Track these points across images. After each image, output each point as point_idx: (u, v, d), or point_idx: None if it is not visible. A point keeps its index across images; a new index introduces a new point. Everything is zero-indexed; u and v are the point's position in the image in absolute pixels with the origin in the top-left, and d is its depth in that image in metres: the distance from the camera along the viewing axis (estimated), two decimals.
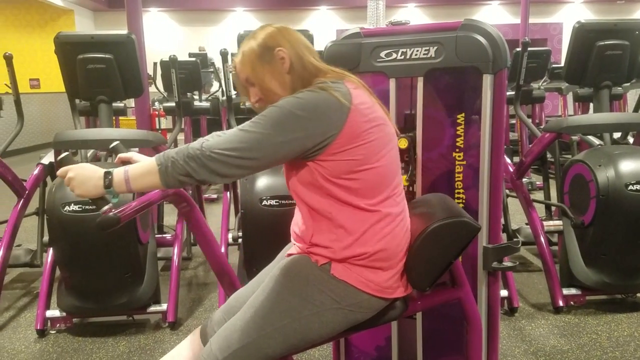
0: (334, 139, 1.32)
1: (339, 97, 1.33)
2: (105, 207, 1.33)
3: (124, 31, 3.15)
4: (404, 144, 1.86)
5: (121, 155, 1.51)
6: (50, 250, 3.00)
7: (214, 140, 1.29)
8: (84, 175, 1.32)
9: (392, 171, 1.43)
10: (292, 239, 1.57)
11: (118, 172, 1.32)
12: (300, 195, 1.42)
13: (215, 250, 1.78)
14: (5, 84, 3.67)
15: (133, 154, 1.51)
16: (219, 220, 3.46)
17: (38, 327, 2.86)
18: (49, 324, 2.92)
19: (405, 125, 1.92)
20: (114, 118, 4.49)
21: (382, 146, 1.39)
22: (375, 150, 1.37)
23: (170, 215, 4.35)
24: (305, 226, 1.44)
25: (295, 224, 1.54)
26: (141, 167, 1.32)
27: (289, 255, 1.50)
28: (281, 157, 1.32)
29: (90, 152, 3.48)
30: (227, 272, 1.81)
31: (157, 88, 6.57)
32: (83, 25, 13.43)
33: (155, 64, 6.81)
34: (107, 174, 1.31)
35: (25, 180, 3.38)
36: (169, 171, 1.28)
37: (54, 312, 2.90)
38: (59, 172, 1.36)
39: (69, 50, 3.05)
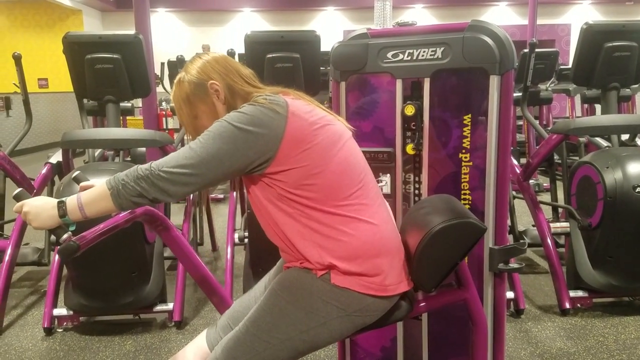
0: (278, 149, 1.33)
1: (274, 107, 1.35)
2: (65, 236, 1.36)
3: (131, 31, 3.17)
4: (410, 110, 1.84)
5: (83, 184, 1.54)
6: (57, 250, 3.01)
7: (162, 159, 1.32)
8: (38, 207, 1.34)
9: (352, 167, 1.42)
10: (282, 260, 1.56)
11: (71, 200, 1.34)
12: (270, 211, 1.41)
13: (198, 268, 1.77)
14: (14, 84, 3.69)
15: (94, 181, 1.54)
16: (226, 220, 3.47)
17: (45, 325, 2.88)
18: (56, 322, 2.94)
19: (412, 93, 1.90)
20: (121, 118, 4.52)
21: (331, 145, 1.39)
22: (325, 151, 1.37)
23: (177, 215, 4.36)
24: (286, 245, 1.43)
25: (281, 250, 1.52)
26: (93, 192, 1.34)
27: (287, 267, 1.49)
28: (227, 170, 1.33)
29: (97, 152, 3.50)
30: (214, 289, 1.79)
31: (164, 88, 6.60)
32: (91, 25, 13.49)
33: (162, 64, 6.85)
34: (61, 204, 1.33)
35: (34, 179, 3.40)
36: (120, 194, 1.30)
37: (61, 311, 2.92)
38: (15, 208, 1.38)
39: (77, 50, 3.07)
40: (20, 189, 1.41)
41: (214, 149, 1.30)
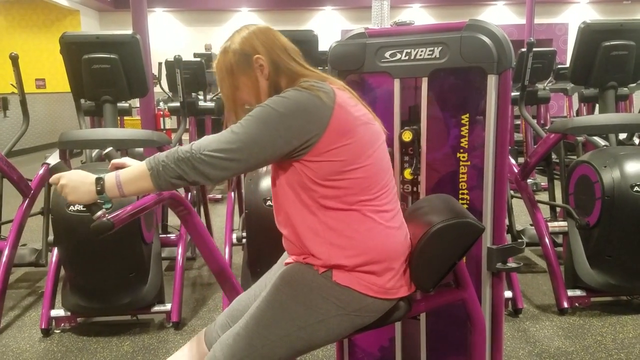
0: (320, 137, 1.32)
1: (322, 97, 1.33)
2: (99, 213, 1.35)
3: (128, 31, 3.17)
4: (408, 136, 1.85)
5: (114, 161, 1.52)
6: (55, 250, 3.01)
7: (203, 142, 1.30)
8: (76, 181, 1.33)
9: (381, 170, 1.42)
10: (283, 257, 1.56)
11: (110, 178, 1.33)
12: (288, 200, 1.41)
13: (215, 255, 1.78)
14: (12, 84, 3.68)
15: (126, 159, 1.52)
16: (224, 220, 3.47)
17: (43, 327, 2.87)
18: (53, 323, 2.93)
19: (410, 117, 1.91)
20: (118, 118, 4.51)
21: (369, 145, 1.38)
22: (363, 149, 1.37)
23: (175, 216, 4.35)
24: (295, 236, 1.43)
25: (285, 239, 1.51)
26: (132, 171, 1.33)
27: (288, 263, 1.49)
28: (268, 157, 1.32)
29: (95, 152, 3.49)
30: (228, 276, 1.80)
31: (162, 88, 6.58)
32: (89, 25, 13.47)
33: (160, 64, 6.83)
34: (99, 180, 1.32)
35: (31, 180, 3.39)
36: (160, 174, 1.29)
37: (58, 312, 2.91)
38: (51, 179, 1.37)
39: (74, 51, 3.07)
40: (59, 160, 1.39)
41: (256, 135, 1.29)
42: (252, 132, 1.29)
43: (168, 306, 2.96)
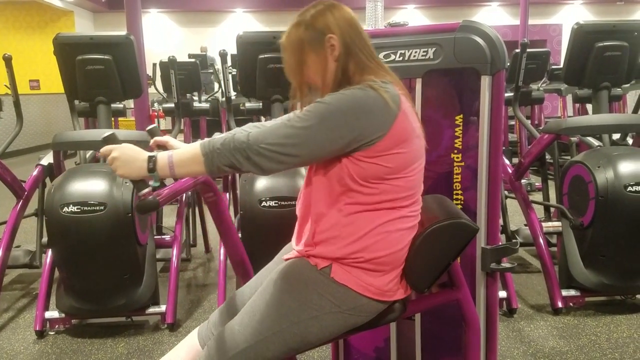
0: (378, 141, 1.31)
1: (387, 100, 1.31)
2: (145, 190, 1.32)
3: (122, 32, 3.16)
4: None
5: (157, 138, 1.51)
6: (49, 252, 3.00)
7: (260, 132, 1.28)
8: (129, 156, 1.31)
9: (418, 183, 1.43)
10: (293, 240, 1.56)
11: (162, 157, 1.31)
12: (320, 189, 1.40)
13: (235, 241, 1.78)
14: (5, 85, 3.66)
15: (169, 138, 1.51)
16: None
17: (37, 328, 2.86)
18: (48, 325, 2.92)
19: None
20: (113, 119, 4.50)
21: (416, 158, 1.39)
22: (411, 161, 1.37)
23: (169, 217, 4.35)
24: (313, 220, 1.42)
25: (299, 225, 1.51)
26: (186, 154, 1.31)
27: (287, 259, 1.50)
28: (325, 154, 1.31)
29: (89, 153, 3.48)
30: (243, 262, 1.81)
31: (156, 89, 6.58)
32: (83, 26, 13.43)
33: (154, 64, 6.82)
34: (152, 158, 1.30)
35: (25, 181, 3.38)
36: (214, 161, 1.28)
37: (53, 313, 2.90)
38: (103, 150, 1.34)
39: (68, 52, 3.05)
40: (113, 131, 1.37)
41: (316, 133, 1.27)
42: (312, 128, 1.27)
43: (163, 307, 2.95)
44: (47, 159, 3.45)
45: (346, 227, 1.37)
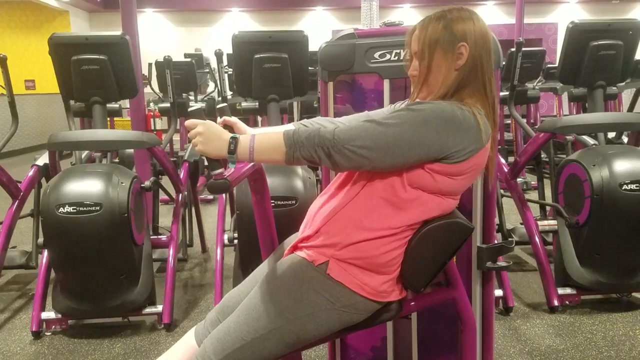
0: (454, 164, 1.32)
1: (482, 130, 1.32)
2: (218, 171, 1.31)
3: (118, 32, 3.15)
4: None
5: (226, 118, 1.50)
6: (45, 252, 2.99)
7: (346, 132, 1.28)
8: (212, 133, 1.30)
9: (448, 210, 1.44)
10: (301, 228, 1.54)
11: (244, 140, 1.30)
12: (362, 177, 1.40)
13: (273, 235, 1.79)
14: (0, 86, 3.65)
15: (237, 120, 1.51)
16: (215, 221, 3.47)
17: (33, 329, 2.85)
18: (44, 325, 2.91)
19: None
20: (108, 119, 4.49)
21: (461, 190, 1.42)
22: (457, 190, 1.39)
23: (166, 216, 4.34)
24: (330, 208, 1.42)
25: (311, 212, 1.51)
26: (268, 141, 1.31)
27: (286, 255, 1.50)
28: (403, 164, 1.31)
29: (85, 154, 3.48)
30: (273, 240, 1.81)
31: (152, 89, 6.56)
32: (78, 26, 13.39)
33: (150, 64, 6.80)
34: (234, 139, 1.30)
35: (20, 182, 3.37)
36: (295, 153, 1.28)
37: (49, 314, 2.90)
38: (189, 122, 1.33)
39: (63, 52, 3.05)
40: (200, 107, 1.36)
41: (404, 142, 1.27)
42: (401, 137, 1.27)
43: (159, 308, 2.95)
44: (43, 159, 3.44)
45: (363, 220, 1.37)
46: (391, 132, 1.27)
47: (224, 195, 3.55)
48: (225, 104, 1.58)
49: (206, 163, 1.39)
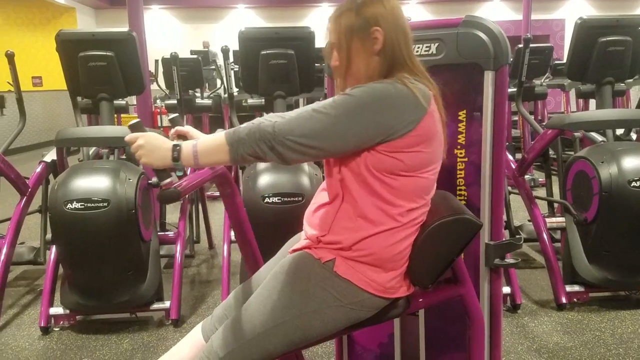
0: (402, 137, 1.31)
1: (418, 96, 1.31)
2: (167, 180, 1.31)
3: (124, 28, 3.16)
4: None
5: (178, 128, 1.50)
6: (53, 248, 3.01)
7: (285, 123, 1.27)
8: (153, 144, 1.31)
9: (429, 188, 1.43)
10: (304, 228, 1.54)
11: (187, 146, 1.31)
12: (336, 174, 1.40)
13: (250, 244, 1.78)
14: (8, 82, 3.67)
15: (190, 128, 1.50)
16: (222, 218, 3.47)
17: (42, 325, 2.87)
18: (52, 321, 2.93)
19: None
20: (115, 116, 4.49)
21: (433, 161, 1.39)
22: (427, 163, 1.37)
23: (173, 213, 4.35)
24: (326, 210, 1.43)
25: (310, 212, 1.51)
26: (210, 143, 1.31)
27: (293, 251, 1.50)
28: (350, 149, 1.31)
29: (92, 150, 3.49)
30: (255, 256, 1.80)
31: (158, 85, 6.56)
32: (85, 23, 13.43)
33: (156, 61, 6.80)
34: (176, 147, 1.30)
35: (28, 178, 3.38)
36: (238, 150, 1.28)
37: (57, 310, 2.91)
38: (129, 137, 1.34)
39: (70, 48, 3.06)
40: (139, 119, 1.36)
41: (343, 126, 1.27)
42: (338, 122, 1.27)
43: (167, 304, 2.96)
44: (51, 155, 3.46)
45: (359, 219, 1.37)
46: (329, 118, 1.27)
47: None
48: (177, 115, 1.58)
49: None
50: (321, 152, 1.29)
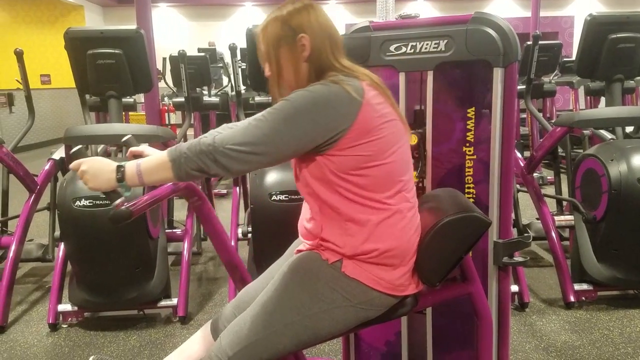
0: (345, 134, 1.31)
1: (350, 92, 1.31)
2: (118, 201, 1.34)
3: (133, 26, 3.16)
4: (414, 140, 1.85)
5: (133, 149, 1.51)
6: (62, 245, 3.02)
7: (226, 134, 1.28)
8: (97, 168, 1.33)
9: (402, 168, 1.42)
10: (300, 236, 1.56)
11: (130, 166, 1.32)
12: (310, 189, 1.41)
13: (226, 245, 1.78)
14: (17, 80, 3.68)
15: (145, 147, 1.51)
16: (229, 215, 3.47)
17: (50, 321, 2.89)
18: (60, 317, 2.94)
19: (415, 121, 1.91)
20: (123, 113, 4.51)
21: (393, 142, 1.38)
22: (386, 147, 1.36)
23: (180, 210, 4.36)
24: (314, 221, 1.43)
25: (303, 221, 1.53)
26: (153, 161, 1.32)
27: (299, 251, 1.50)
28: (292, 152, 1.31)
29: (100, 147, 3.50)
30: (237, 266, 1.81)
31: (166, 83, 6.58)
32: (93, 20, 13.48)
33: (164, 59, 6.82)
34: (120, 168, 1.31)
35: (37, 176, 3.40)
36: (181, 166, 1.28)
37: (65, 306, 2.93)
38: (72, 164, 1.36)
39: (79, 46, 3.06)
40: (80, 146, 1.38)
41: (281, 130, 1.27)
42: (277, 126, 1.27)
43: (174, 301, 2.97)
44: (59, 153, 3.47)
45: (347, 223, 1.37)
46: (267, 124, 1.28)
47: (238, 189, 3.56)
48: (130, 136, 1.58)
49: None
50: (264, 158, 1.28)
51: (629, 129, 3.90)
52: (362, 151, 1.33)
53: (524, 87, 4.39)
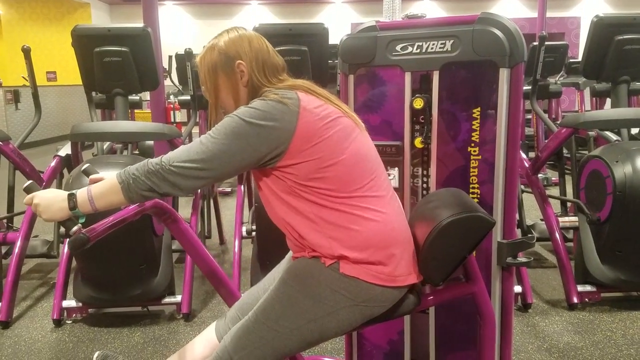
0: (290, 142, 1.33)
1: (286, 102, 1.35)
2: (75, 228, 1.36)
3: (139, 24, 3.17)
4: (419, 103, 1.83)
5: (92, 176, 1.54)
6: (67, 242, 3.04)
7: (173, 153, 1.32)
8: (48, 199, 1.35)
9: (363, 160, 1.42)
10: (291, 252, 1.56)
11: (82, 193, 1.35)
12: (280, 204, 1.42)
13: (206, 260, 1.77)
14: (23, 77, 3.70)
15: (104, 174, 1.54)
16: (233, 213, 3.48)
17: (54, 317, 2.90)
18: (65, 313, 2.96)
19: (421, 86, 1.89)
20: (129, 111, 4.53)
21: (343, 138, 1.39)
22: (337, 144, 1.37)
23: (185, 208, 4.38)
24: (295, 235, 1.43)
25: (287, 239, 1.53)
26: (104, 185, 1.34)
27: (296, 257, 1.50)
28: (239, 166, 1.34)
29: (106, 145, 3.51)
30: (221, 280, 1.79)
31: (172, 81, 6.61)
32: (99, 18, 13.52)
33: (170, 57, 6.85)
34: (71, 196, 1.34)
35: (43, 172, 3.42)
36: (131, 187, 1.31)
37: (70, 303, 2.94)
38: (25, 200, 1.39)
39: (86, 43, 3.08)
40: (31, 181, 1.42)
41: (225, 144, 1.30)
42: (220, 141, 1.31)
43: (178, 298, 2.98)
44: (65, 150, 3.49)
45: (325, 225, 1.38)
46: (211, 139, 1.31)
47: (242, 187, 3.56)
48: (88, 164, 1.60)
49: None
50: (212, 173, 1.31)
51: (635, 131, 3.90)
52: (314, 154, 1.35)
53: (530, 87, 4.38)
